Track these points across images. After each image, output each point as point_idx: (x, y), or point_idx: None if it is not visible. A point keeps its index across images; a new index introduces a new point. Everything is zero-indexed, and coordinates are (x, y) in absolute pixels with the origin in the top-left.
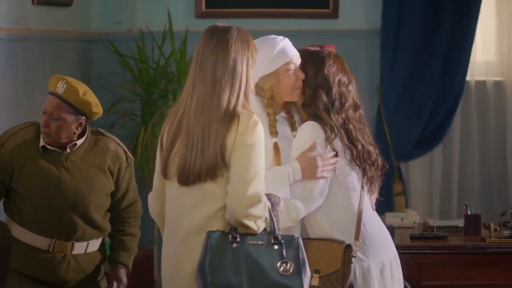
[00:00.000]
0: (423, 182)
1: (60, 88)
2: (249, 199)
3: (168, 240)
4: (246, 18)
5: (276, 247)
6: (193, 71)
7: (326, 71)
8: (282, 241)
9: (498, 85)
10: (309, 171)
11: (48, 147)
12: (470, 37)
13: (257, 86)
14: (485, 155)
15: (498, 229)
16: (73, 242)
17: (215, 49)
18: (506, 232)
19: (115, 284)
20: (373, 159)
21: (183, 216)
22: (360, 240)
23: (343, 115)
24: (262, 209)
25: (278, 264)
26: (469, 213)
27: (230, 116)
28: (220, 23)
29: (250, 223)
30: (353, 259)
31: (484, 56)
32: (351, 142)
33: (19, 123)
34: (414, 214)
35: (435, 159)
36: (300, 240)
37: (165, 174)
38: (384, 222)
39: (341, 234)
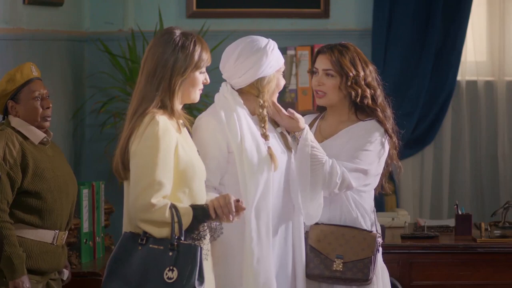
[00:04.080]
0: (414, 182)
1: (35, 71)
2: (140, 203)
3: None
4: (237, 18)
5: (170, 253)
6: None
7: (372, 68)
8: (177, 249)
9: (489, 85)
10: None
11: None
12: (461, 37)
13: (251, 86)
14: (476, 155)
15: (489, 229)
16: (66, 232)
17: (151, 50)
18: (497, 232)
19: (66, 271)
20: None
21: (124, 215)
22: (380, 233)
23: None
24: (156, 214)
25: (166, 271)
26: (460, 213)
27: (137, 119)
28: (176, 26)
29: (145, 227)
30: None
31: (475, 56)
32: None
33: None
34: (405, 214)
35: (426, 158)
36: (199, 250)
37: None
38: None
39: (367, 222)
